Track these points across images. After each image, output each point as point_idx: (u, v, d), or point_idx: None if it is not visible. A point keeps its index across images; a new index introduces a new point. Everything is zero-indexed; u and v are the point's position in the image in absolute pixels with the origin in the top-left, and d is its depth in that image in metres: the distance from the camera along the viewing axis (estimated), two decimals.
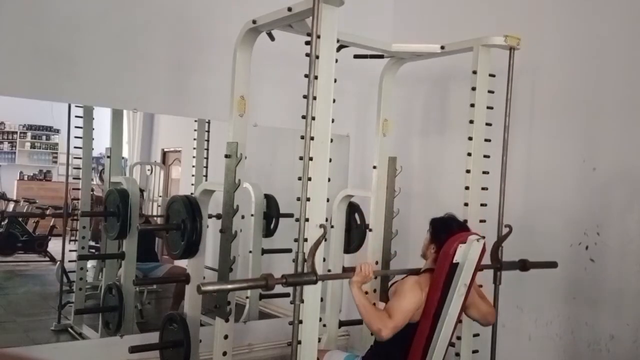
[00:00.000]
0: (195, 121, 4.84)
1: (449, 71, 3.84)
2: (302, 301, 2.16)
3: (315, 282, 2.13)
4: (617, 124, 3.05)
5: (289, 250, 3.54)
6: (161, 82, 3.60)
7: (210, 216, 2.99)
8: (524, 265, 2.84)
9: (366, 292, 3.38)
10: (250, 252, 4.24)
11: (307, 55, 2.14)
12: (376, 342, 2.67)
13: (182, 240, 2.89)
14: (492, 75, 2.96)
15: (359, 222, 3.61)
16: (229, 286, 2.39)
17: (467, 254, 2.39)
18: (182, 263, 3.73)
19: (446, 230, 2.50)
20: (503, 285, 2.90)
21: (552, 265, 2.95)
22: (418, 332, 2.43)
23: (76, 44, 3.29)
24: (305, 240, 2.16)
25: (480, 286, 2.78)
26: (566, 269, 3.17)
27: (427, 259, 2.60)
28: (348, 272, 2.56)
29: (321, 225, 2.12)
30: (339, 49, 2.61)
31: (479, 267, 2.49)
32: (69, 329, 4.04)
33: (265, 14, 2.52)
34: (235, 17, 2.87)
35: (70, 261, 4.48)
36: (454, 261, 2.39)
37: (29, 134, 8.68)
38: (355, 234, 3.60)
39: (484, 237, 2.48)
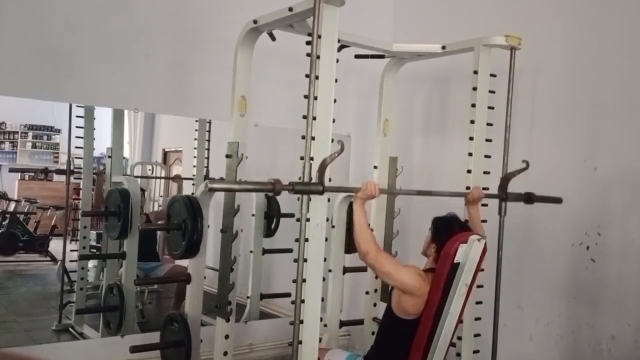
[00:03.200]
0: (196, 121, 4.84)
1: (450, 71, 3.84)
2: (303, 301, 2.16)
3: (321, 192, 2.14)
4: (617, 124, 3.04)
5: (289, 250, 3.55)
6: (162, 82, 3.60)
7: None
8: (529, 197, 2.87)
9: (367, 293, 3.40)
10: (251, 252, 4.25)
11: (308, 55, 2.14)
12: (377, 342, 2.67)
13: (183, 240, 2.88)
14: (493, 75, 2.96)
15: None
16: (237, 186, 2.48)
17: (468, 254, 2.38)
18: (183, 263, 3.74)
19: (447, 230, 2.50)
20: (504, 285, 2.90)
21: (557, 200, 2.94)
22: (419, 331, 2.43)
23: (77, 44, 3.29)
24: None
25: (481, 286, 2.79)
26: (567, 269, 3.17)
27: (428, 257, 2.61)
28: (354, 187, 2.55)
29: (339, 141, 2.13)
30: (339, 49, 2.62)
31: (480, 268, 2.50)
32: (70, 329, 4.04)
33: (266, 14, 2.52)
34: (236, 17, 2.87)
35: (71, 261, 4.49)
36: (455, 261, 2.39)
37: (30, 133, 8.70)
38: None
39: (485, 237, 2.48)
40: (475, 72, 2.93)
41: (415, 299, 2.42)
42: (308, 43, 2.15)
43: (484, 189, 2.96)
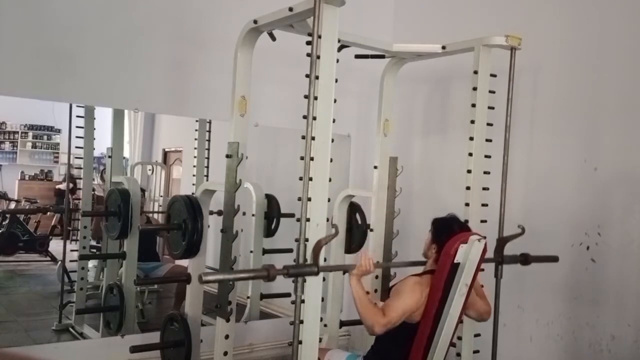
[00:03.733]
0: (197, 121, 4.84)
1: (450, 71, 3.84)
2: (303, 301, 2.16)
3: (316, 274, 2.13)
4: (618, 124, 3.04)
5: (290, 250, 3.55)
6: (162, 82, 3.60)
7: (211, 212, 2.99)
8: (525, 259, 2.85)
9: (367, 292, 3.39)
10: (252, 252, 4.25)
11: (308, 55, 2.14)
12: (377, 342, 2.67)
13: (183, 240, 2.89)
14: (493, 75, 2.96)
15: (360, 222, 3.61)
16: (230, 276, 2.40)
17: (468, 254, 2.39)
18: (183, 263, 3.74)
19: (447, 231, 2.50)
20: (504, 285, 2.90)
21: (554, 259, 2.94)
22: (419, 332, 2.43)
23: (77, 44, 3.29)
24: (307, 240, 2.16)
25: (482, 286, 2.79)
26: (567, 269, 3.17)
27: (429, 258, 2.61)
28: (349, 265, 2.57)
29: (333, 226, 2.12)
30: (340, 49, 2.62)
31: (480, 268, 2.49)
32: (70, 329, 4.04)
33: (266, 14, 2.52)
34: (236, 17, 2.88)
35: (71, 261, 4.49)
36: (455, 261, 2.39)
37: (30, 133, 8.69)
38: (356, 234, 3.60)
39: (485, 238, 2.48)
40: (476, 72, 2.93)
41: (418, 310, 2.43)
42: (308, 43, 2.15)
43: (484, 189, 2.96)
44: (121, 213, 3.69)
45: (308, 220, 2.15)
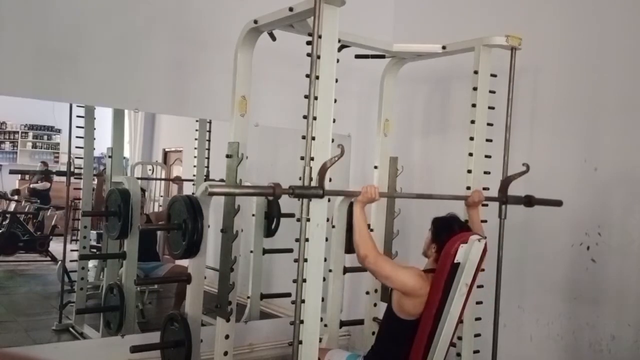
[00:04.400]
0: (197, 121, 4.84)
1: (450, 71, 3.84)
2: (303, 301, 2.16)
3: (321, 196, 2.15)
4: (618, 124, 3.04)
5: (290, 250, 3.55)
6: (162, 82, 3.60)
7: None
8: (529, 200, 2.88)
9: (367, 293, 3.40)
10: (252, 252, 4.25)
11: (309, 55, 2.14)
12: (377, 342, 2.67)
13: (184, 240, 2.89)
14: (494, 75, 2.96)
15: None
16: (238, 190, 2.45)
17: (468, 254, 2.39)
18: (183, 263, 3.74)
19: (448, 230, 2.50)
20: (504, 285, 2.91)
21: (557, 203, 2.94)
22: (419, 331, 2.43)
23: (78, 44, 3.29)
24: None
25: (481, 286, 2.79)
26: (567, 269, 3.17)
27: (429, 258, 2.61)
28: (354, 192, 2.57)
29: (339, 145, 2.13)
30: (340, 49, 2.62)
31: (481, 268, 2.50)
32: (70, 329, 4.05)
33: (267, 14, 2.52)
34: (236, 17, 2.88)
35: (71, 261, 4.50)
36: (455, 261, 2.39)
37: (31, 133, 8.70)
38: None
39: (485, 238, 2.48)
40: (476, 72, 2.93)
41: (415, 300, 2.42)
42: (308, 43, 2.15)
43: (484, 189, 2.96)
44: (121, 213, 3.69)
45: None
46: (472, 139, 2.95)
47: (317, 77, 2.15)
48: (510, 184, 2.85)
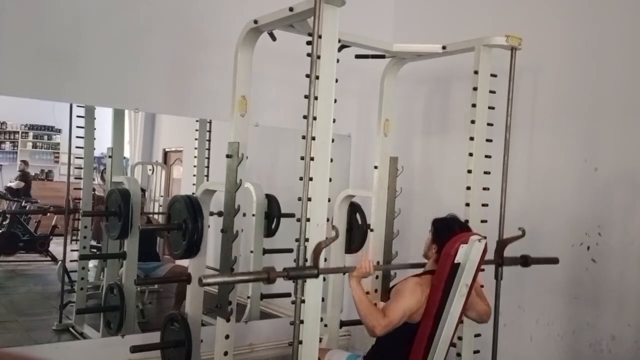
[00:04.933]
0: (197, 121, 4.84)
1: (450, 71, 3.84)
2: (304, 301, 2.16)
3: (316, 276, 2.13)
4: (618, 124, 3.04)
5: (290, 250, 3.53)
6: (162, 82, 3.60)
7: (211, 213, 3.00)
8: (525, 261, 2.85)
9: (367, 292, 3.39)
10: (252, 252, 4.24)
11: (309, 55, 2.14)
12: (377, 342, 2.67)
13: (184, 240, 2.89)
14: (494, 75, 2.96)
15: (360, 222, 3.61)
16: (231, 279, 2.39)
17: (468, 254, 2.38)
18: (183, 263, 3.74)
19: (448, 231, 2.50)
20: (504, 285, 2.90)
21: (554, 261, 2.94)
22: (419, 332, 2.43)
23: (78, 44, 3.29)
24: (307, 240, 2.16)
25: (482, 286, 2.78)
26: (568, 269, 3.17)
27: (429, 259, 2.61)
28: (349, 267, 2.58)
29: (333, 228, 2.13)
30: (340, 49, 2.62)
31: (481, 268, 2.49)
32: (70, 329, 4.04)
33: (267, 14, 2.52)
34: (236, 17, 2.88)
35: (71, 261, 4.49)
36: (456, 261, 2.39)
37: (31, 133, 8.69)
38: (356, 234, 3.60)
39: (485, 238, 2.48)
40: (476, 72, 2.93)
41: (419, 310, 2.43)
42: (308, 43, 2.15)
43: (484, 189, 2.96)
44: (121, 213, 3.69)
45: (308, 220, 2.15)
46: (472, 139, 2.95)
47: (317, 77, 2.15)
48: (506, 246, 2.80)
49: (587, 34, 3.21)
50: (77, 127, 4.13)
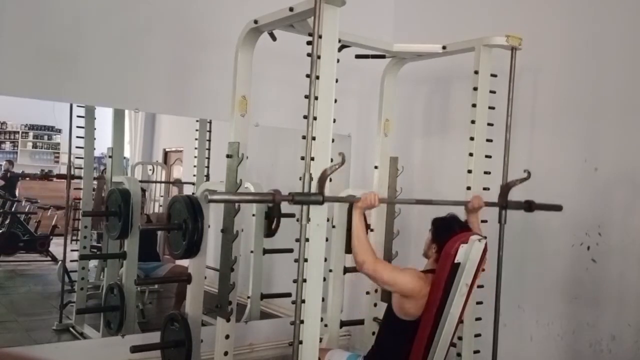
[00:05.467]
0: (197, 121, 4.84)
1: (450, 71, 3.84)
2: (304, 301, 2.16)
3: (321, 203, 2.14)
4: (618, 124, 3.04)
5: (290, 250, 3.55)
6: (163, 82, 3.60)
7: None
8: (529, 205, 2.88)
9: (367, 293, 3.40)
10: (252, 252, 4.24)
11: (309, 55, 2.14)
12: (377, 342, 2.67)
13: (184, 240, 2.89)
14: (494, 75, 2.96)
15: None
16: (236, 197, 2.44)
17: (468, 254, 2.39)
18: (183, 263, 3.74)
19: (448, 230, 2.50)
20: (504, 285, 2.90)
21: (557, 208, 2.94)
22: (419, 331, 2.43)
23: (78, 44, 3.29)
24: (307, 240, 2.16)
25: (481, 286, 2.79)
26: (568, 269, 3.17)
27: (429, 258, 2.61)
28: (354, 197, 2.58)
29: (340, 153, 2.13)
30: (340, 49, 2.62)
31: (482, 268, 2.50)
32: (71, 329, 4.04)
33: (267, 14, 2.52)
34: (236, 17, 2.88)
35: (71, 261, 4.49)
36: (456, 261, 2.39)
37: (31, 133, 8.69)
38: None
39: (485, 238, 2.48)
40: (476, 72, 2.93)
41: (416, 301, 2.42)
42: (309, 43, 2.15)
43: (484, 189, 2.96)
44: (122, 213, 3.69)
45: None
46: (472, 139, 2.95)
47: (318, 77, 2.15)
48: (510, 189, 2.84)
49: (587, 34, 3.21)
50: (77, 127, 4.13)
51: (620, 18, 3.08)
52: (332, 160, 2.26)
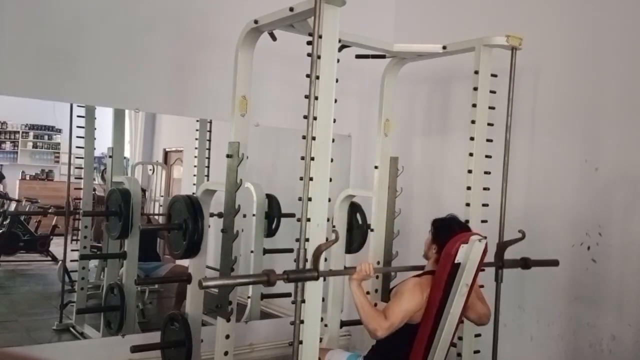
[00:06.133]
0: (197, 121, 4.84)
1: (450, 71, 3.84)
2: (304, 301, 2.16)
3: (316, 279, 2.14)
4: (619, 124, 3.04)
5: (290, 250, 3.54)
6: (163, 81, 3.60)
7: (211, 215, 3.00)
8: (525, 263, 2.86)
9: (367, 293, 3.39)
10: (252, 251, 4.24)
11: (309, 55, 2.14)
12: (378, 342, 2.67)
13: (184, 239, 2.89)
14: (494, 75, 2.96)
15: (360, 222, 3.61)
16: (230, 281, 2.39)
17: (469, 254, 2.38)
18: (184, 263, 3.74)
19: (448, 231, 2.50)
20: (505, 286, 2.90)
21: (554, 263, 2.95)
22: (420, 332, 2.43)
23: (78, 43, 3.29)
24: (307, 240, 2.16)
25: (482, 286, 2.78)
26: (568, 269, 3.17)
27: (429, 259, 2.60)
28: (349, 270, 2.58)
29: (334, 231, 2.13)
30: (340, 49, 2.62)
31: (481, 268, 2.49)
32: (71, 329, 4.04)
33: (267, 14, 2.52)
34: (237, 17, 2.88)
35: (72, 261, 4.49)
36: (456, 261, 2.39)
37: (31, 133, 8.68)
38: (356, 234, 3.60)
39: (485, 238, 2.48)
40: (476, 72, 2.93)
41: (422, 310, 2.43)
42: (309, 43, 2.15)
43: (484, 189, 2.96)
44: (122, 213, 3.69)
45: (309, 220, 2.15)
46: (472, 139, 2.95)
47: (318, 77, 2.15)
48: (506, 249, 2.81)
49: (588, 34, 3.21)
50: (78, 127, 4.13)
51: (620, 18, 3.08)
52: (332, 161, 2.26)
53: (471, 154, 2.95)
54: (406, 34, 4.22)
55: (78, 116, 4.11)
